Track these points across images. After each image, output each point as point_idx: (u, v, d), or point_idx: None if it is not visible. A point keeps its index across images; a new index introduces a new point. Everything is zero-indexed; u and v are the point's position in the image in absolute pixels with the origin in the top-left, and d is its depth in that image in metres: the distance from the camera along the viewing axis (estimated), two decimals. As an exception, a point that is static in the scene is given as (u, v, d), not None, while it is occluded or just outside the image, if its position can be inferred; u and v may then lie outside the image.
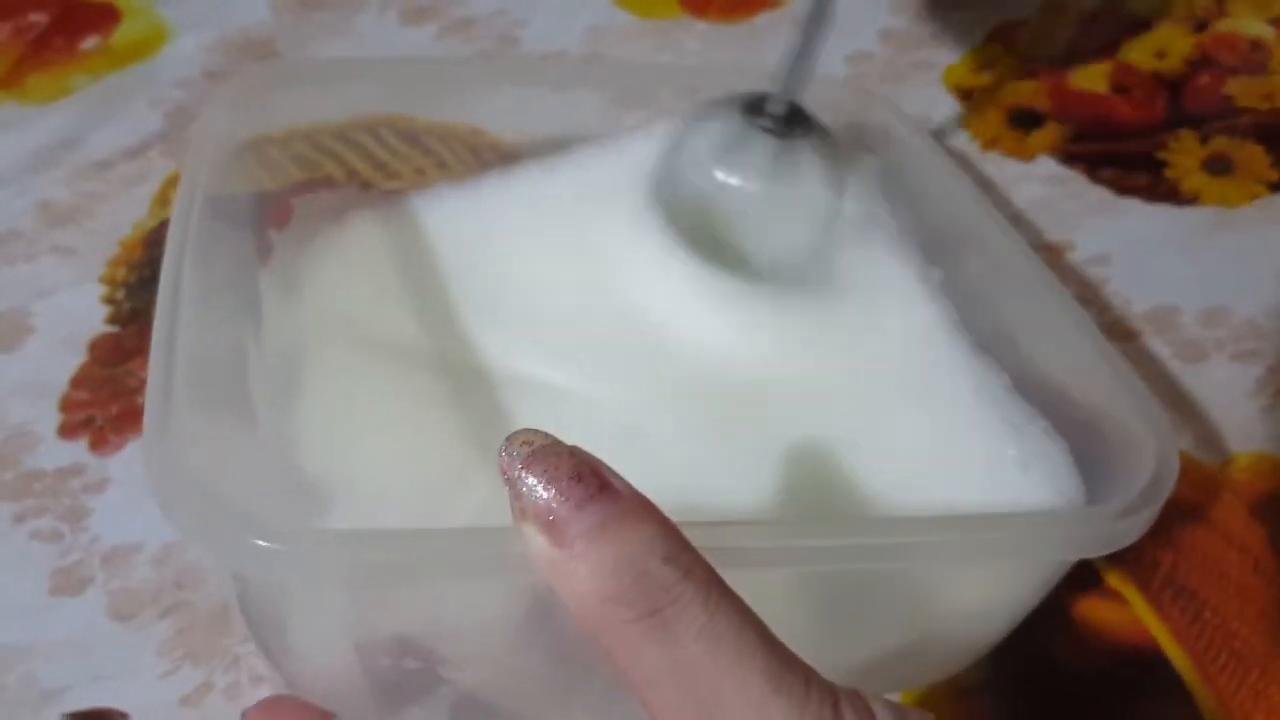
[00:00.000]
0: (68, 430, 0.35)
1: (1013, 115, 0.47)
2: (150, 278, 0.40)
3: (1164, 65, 0.50)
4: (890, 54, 0.50)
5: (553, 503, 0.17)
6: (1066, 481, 0.27)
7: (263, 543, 0.20)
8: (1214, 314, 0.40)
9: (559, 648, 0.24)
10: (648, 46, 0.51)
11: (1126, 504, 0.24)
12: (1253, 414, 0.36)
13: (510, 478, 0.18)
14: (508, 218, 0.33)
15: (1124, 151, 0.46)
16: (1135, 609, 0.32)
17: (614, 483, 0.18)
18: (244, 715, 0.21)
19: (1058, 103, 0.48)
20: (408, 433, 0.28)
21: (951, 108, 0.48)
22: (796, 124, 0.32)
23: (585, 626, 0.18)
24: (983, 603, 0.27)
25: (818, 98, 0.36)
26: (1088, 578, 0.32)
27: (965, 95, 0.48)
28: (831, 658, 0.18)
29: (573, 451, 0.18)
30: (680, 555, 0.18)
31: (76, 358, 0.37)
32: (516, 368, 0.30)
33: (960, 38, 0.51)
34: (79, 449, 0.35)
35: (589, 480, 0.18)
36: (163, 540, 0.32)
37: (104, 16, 0.51)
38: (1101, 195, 0.44)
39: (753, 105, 0.32)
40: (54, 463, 0.34)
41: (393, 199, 0.35)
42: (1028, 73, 0.49)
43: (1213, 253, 0.42)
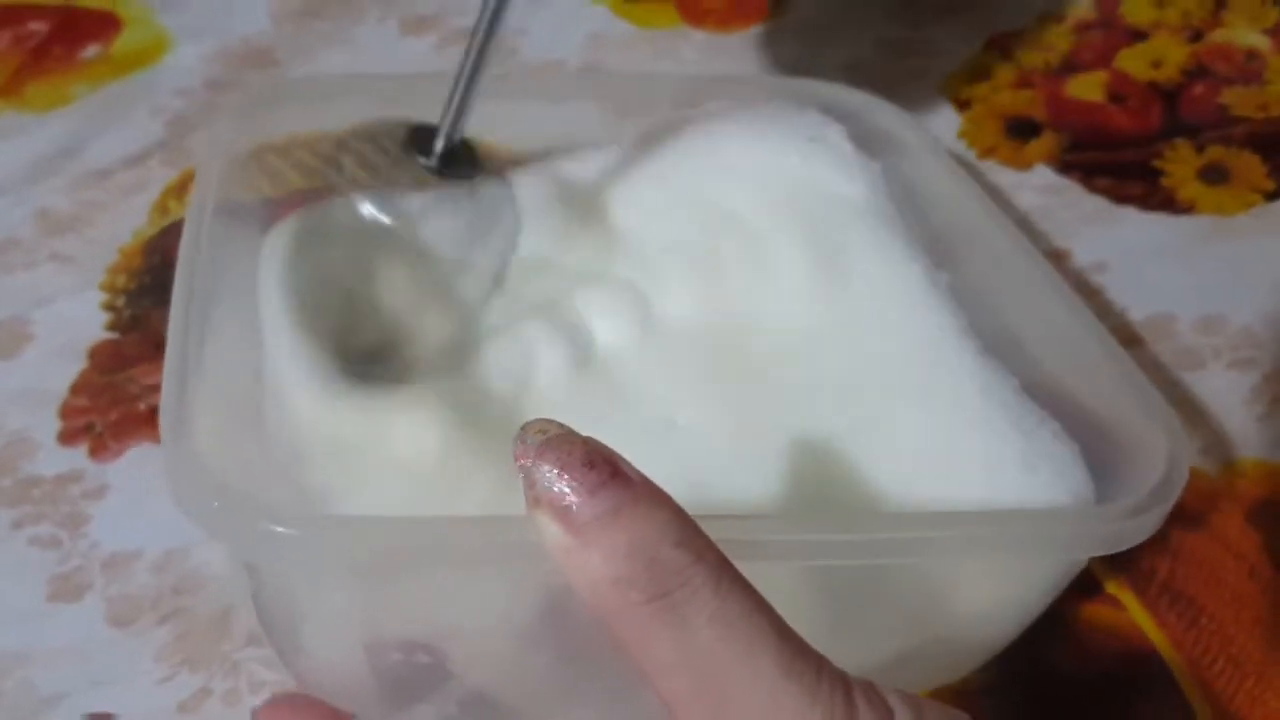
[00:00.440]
0: (67, 437, 0.35)
1: (1009, 124, 0.48)
2: (151, 285, 0.40)
3: (1160, 75, 0.50)
4: (886, 62, 0.51)
5: (566, 489, 0.18)
6: (1077, 483, 0.27)
7: (277, 528, 0.20)
8: (1210, 322, 0.40)
9: (568, 644, 0.24)
10: (646, 55, 0.51)
11: (1137, 502, 0.24)
12: (1249, 421, 0.37)
13: (524, 466, 0.18)
14: (510, 233, 0.33)
15: (1120, 160, 0.46)
16: (1133, 615, 0.32)
17: (626, 470, 0.18)
18: (254, 714, 0.21)
19: (1054, 112, 0.48)
20: (412, 433, 0.28)
21: (948, 116, 0.48)
22: (463, 164, 0.31)
23: (598, 612, 0.18)
24: (992, 603, 0.27)
25: (825, 101, 0.37)
26: (1086, 583, 0.32)
27: (962, 104, 0.49)
28: (840, 658, 0.18)
29: (586, 440, 0.18)
30: (692, 540, 0.18)
31: (76, 365, 0.37)
32: (514, 367, 0.31)
33: (957, 47, 0.51)
34: (78, 455, 0.35)
35: (602, 467, 0.18)
36: (162, 547, 0.32)
37: (104, 25, 0.51)
38: (1098, 204, 0.44)
39: (413, 137, 0.31)
40: (53, 469, 0.34)
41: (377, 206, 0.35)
42: (1024, 82, 0.50)
43: (1209, 261, 0.42)
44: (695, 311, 0.32)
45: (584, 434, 0.19)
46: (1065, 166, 0.46)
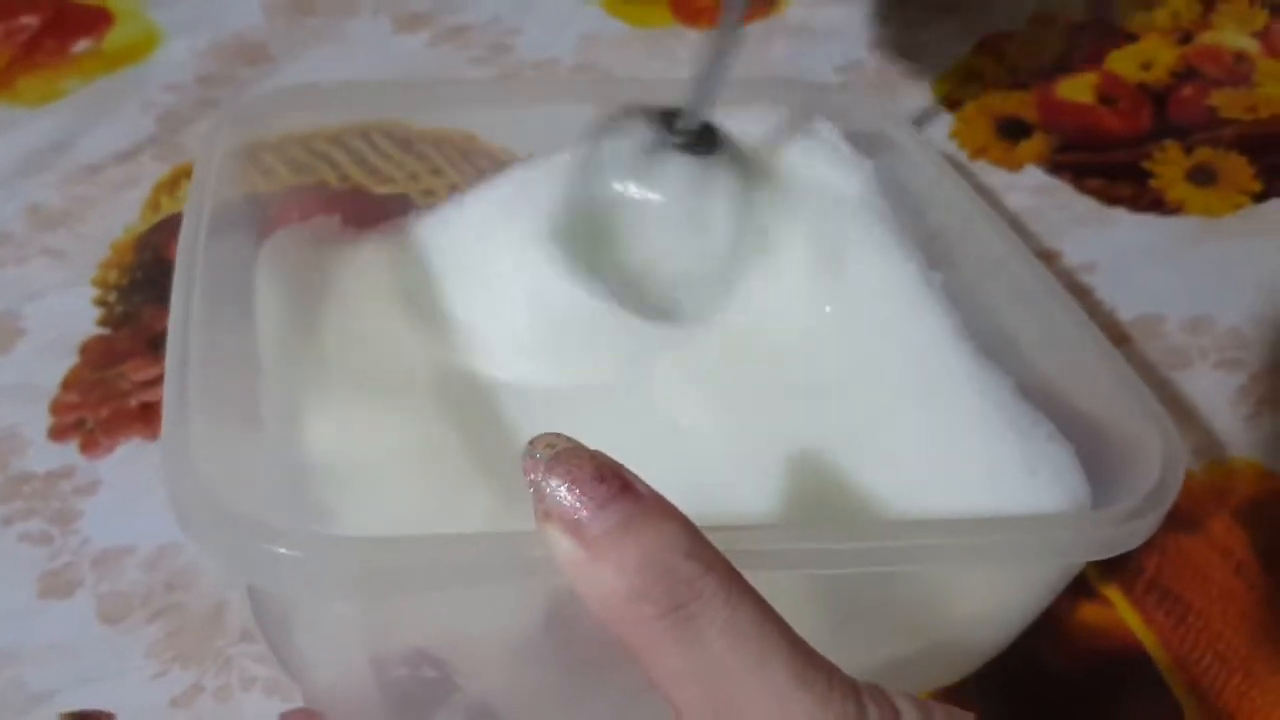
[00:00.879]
0: (58, 433, 0.35)
1: (1001, 125, 0.48)
2: (142, 281, 0.40)
3: (1149, 77, 0.50)
4: (880, 64, 0.51)
5: (576, 503, 0.18)
6: (1073, 485, 0.27)
7: (280, 550, 0.20)
8: (1198, 322, 0.40)
9: (573, 657, 0.24)
10: (640, 54, 0.51)
11: (1133, 507, 0.24)
12: (1236, 421, 0.37)
13: (534, 480, 0.18)
14: (501, 244, 0.33)
15: (1110, 162, 0.46)
16: (1121, 612, 0.32)
17: (635, 484, 0.18)
18: None
19: (1045, 113, 0.48)
20: (409, 451, 0.28)
21: (940, 117, 0.48)
22: (708, 141, 0.31)
23: (610, 626, 0.18)
24: (990, 606, 0.27)
25: (818, 101, 0.37)
26: (1075, 582, 0.32)
27: (954, 105, 0.49)
28: (840, 661, 0.18)
29: (594, 454, 0.19)
30: (702, 552, 0.18)
31: (67, 360, 0.37)
32: (510, 383, 0.31)
33: (949, 48, 0.52)
34: (69, 451, 0.35)
35: (611, 481, 0.18)
36: (154, 543, 0.32)
37: (96, 20, 0.51)
38: (1088, 205, 0.44)
39: (664, 119, 0.31)
40: (44, 465, 0.34)
41: (386, 220, 0.35)
42: (1015, 83, 0.50)
43: (1197, 262, 0.42)
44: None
45: (591, 447, 0.19)
46: (1056, 167, 0.46)
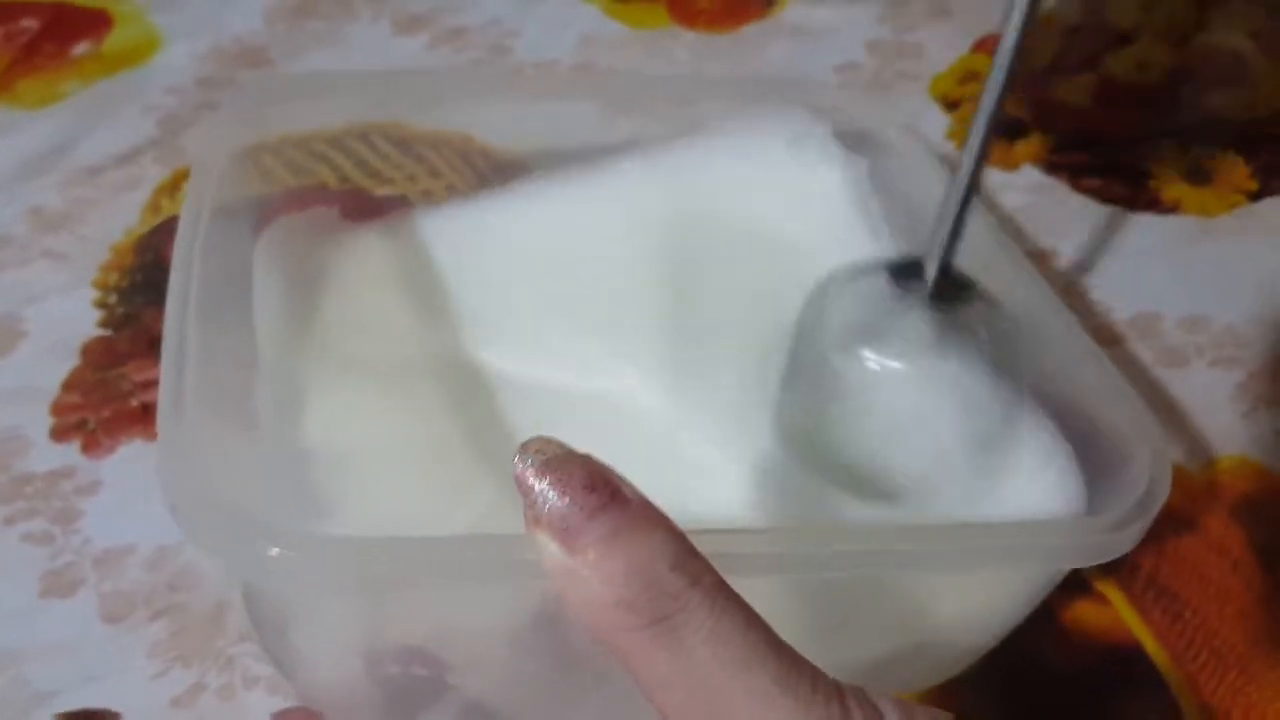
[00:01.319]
0: (59, 433, 0.35)
1: (997, 125, 0.48)
2: (143, 283, 0.40)
3: (1145, 77, 0.50)
4: (877, 64, 0.51)
5: (566, 511, 0.18)
6: (1071, 487, 0.27)
7: (274, 550, 0.20)
8: (1195, 321, 0.40)
9: (565, 654, 0.24)
10: (638, 55, 0.51)
11: (1121, 515, 0.24)
12: (1233, 419, 0.37)
13: (524, 485, 0.18)
14: (505, 240, 0.33)
15: (1106, 162, 0.46)
16: (1118, 609, 0.32)
17: (625, 491, 0.18)
18: None
19: (1041, 113, 0.49)
20: (409, 443, 0.29)
21: (937, 117, 0.48)
22: (954, 291, 0.26)
23: (596, 633, 0.18)
24: (977, 610, 0.27)
25: (812, 102, 0.37)
26: (1072, 579, 0.32)
27: (951, 105, 0.49)
28: (828, 661, 0.18)
29: (585, 460, 0.19)
30: (688, 563, 0.18)
31: (68, 362, 0.37)
32: (509, 376, 0.31)
33: (946, 49, 0.52)
34: (71, 451, 0.35)
35: (601, 489, 0.18)
36: (155, 543, 0.32)
37: (96, 23, 0.51)
38: (1084, 204, 0.45)
39: (901, 270, 0.27)
40: (45, 465, 0.34)
41: (385, 214, 0.35)
42: (1011, 84, 0.50)
43: (1193, 261, 0.42)
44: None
45: (583, 452, 0.19)
46: (1052, 167, 0.46)
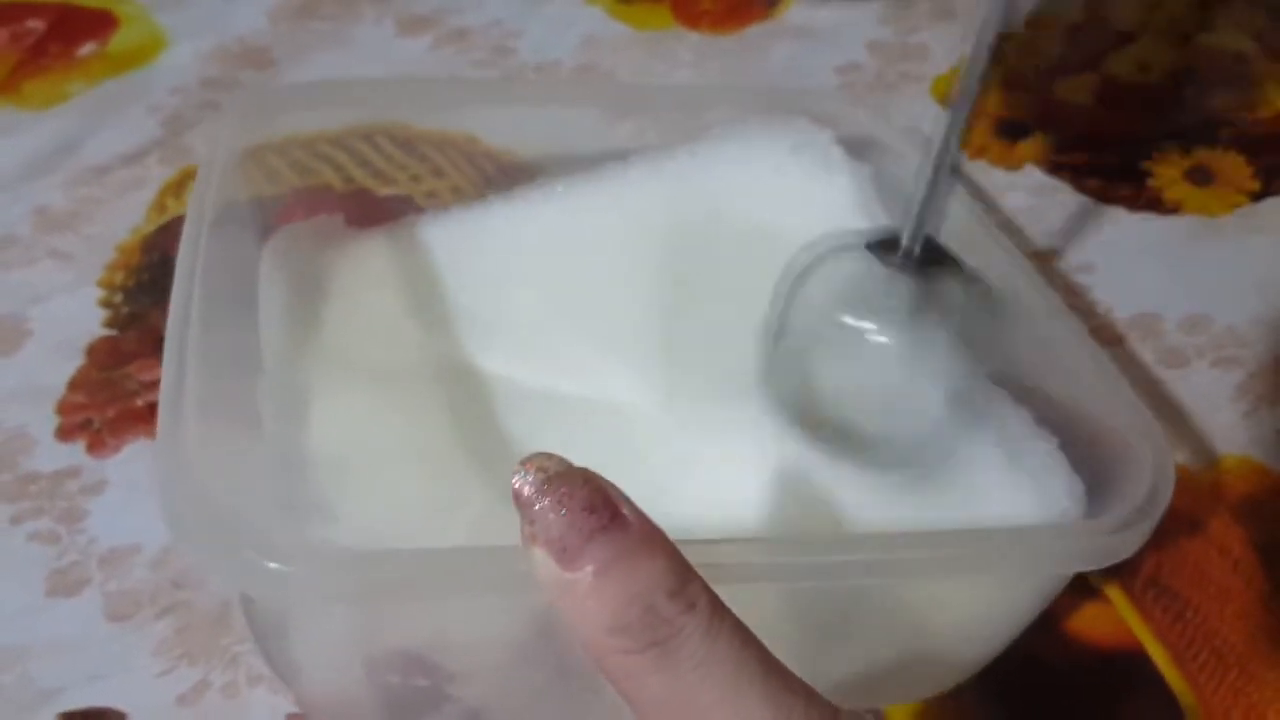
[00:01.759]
0: (65, 433, 0.35)
1: (999, 126, 0.48)
2: (149, 282, 0.40)
3: (1147, 78, 0.51)
4: (879, 65, 0.51)
5: (564, 531, 0.18)
6: (1068, 495, 0.27)
7: (272, 565, 0.20)
8: (1196, 321, 0.40)
9: (564, 663, 0.24)
10: (641, 57, 0.51)
11: (1123, 518, 0.24)
12: (1234, 419, 0.37)
13: (522, 503, 0.18)
14: (508, 246, 0.34)
15: (1108, 162, 0.46)
16: (1119, 609, 0.32)
17: (625, 513, 0.18)
18: None
19: (1043, 114, 0.49)
20: (410, 448, 0.29)
21: (939, 118, 0.48)
22: (932, 262, 0.27)
23: (589, 652, 0.18)
24: (981, 617, 0.27)
25: (814, 108, 0.37)
26: (1073, 579, 0.32)
27: (953, 106, 0.49)
28: (830, 671, 0.18)
29: (587, 478, 0.18)
30: (685, 588, 0.18)
31: (74, 361, 0.38)
32: (510, 382, 0.31)
33: (949, 50, 0.52)
34: (76, 451, 0.35)
35: (601, 511, 0.18)
36: (160, 543, 0.32)
37: (101, 23, 0.51)
38: (1086, 204, 0.45)
39: (882, 244, 0.28)
40: (51, 465, 0.34)
41: (389, 221, 0.35)
42: (1014, 84, 0.50)
43: (1194, 261, 0.42)
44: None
45: (583, 468, 0.18)
46: (1054, 167, 0.46)
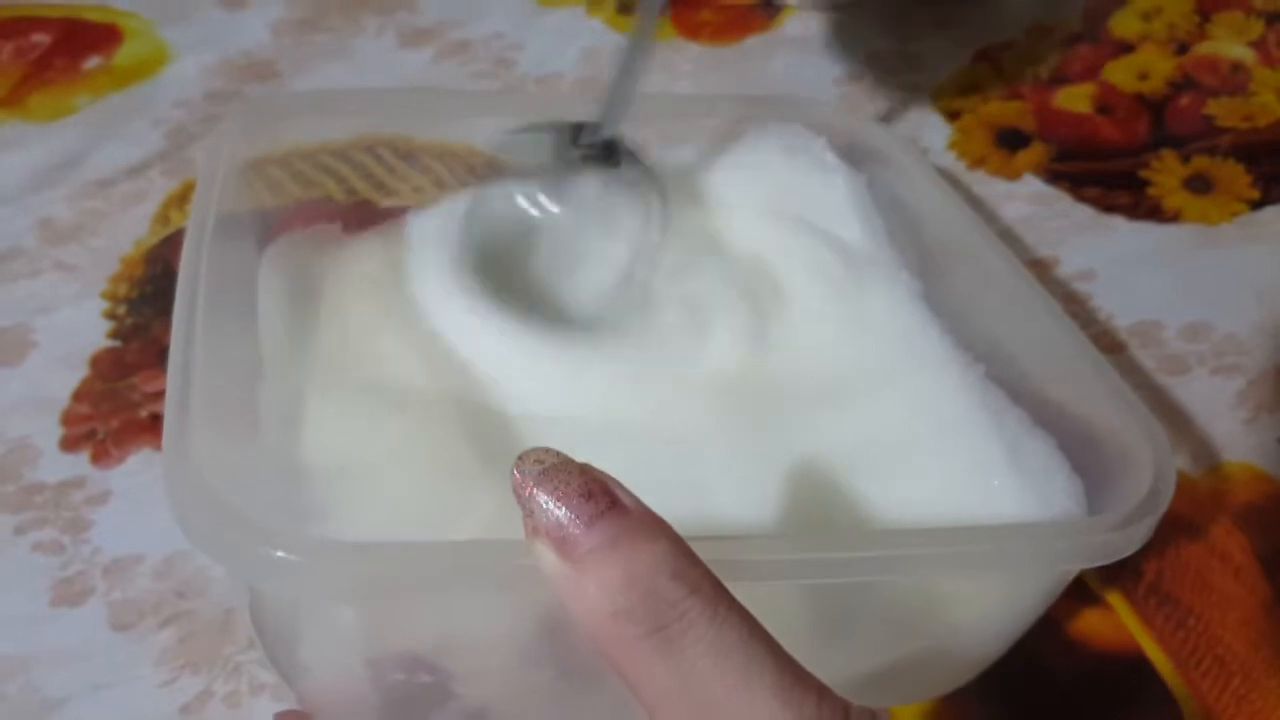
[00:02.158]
0: (69, 443, 0.36)
1: (999, 135, 0.48)
2: (152, 294, 0.40)
3: (1146, 87, 0.51)
4: (879, 75, 0.51)
5: (564, 520, 0.18)
6: (1068, 493, 0.27)
7: (279, 553, 0.21)
8: (1196, 329, 0.40)
9: (569, 662, 0.24)
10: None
11: (1127, 514, 0.25)
12: (1234, 426, 0.37)
13: (522, 496, 0.18)
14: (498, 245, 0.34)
15: (1107, 170, 0.47)
16: (1121, 616, 0.32)
17: (623, 499, 0.18)
18: None
19: (1043, 123, 0.49)
20: (410, 452, 0.29)
21: (939, 128, 0.49)
22: (613, 156, 0.31)
23: (595, 642, 0.18)
24: (983, 617, 0.27)
25: (812, 118, 0.37)
26: (1074, 586, 0.32)
27: (952, 116, 0.49)
28: (834, 670, 0.18)
29: (583, 469, 0.18)
30: (688, 571, 0.18)
31: (78, 372, 0.38)
32: (506, 378, 0.31)
33: (947, 60, 0.52)
34: (81, 462, 0.35)
35: (599, 498, 0.18)
36: (164, 552, 0.32)
37: (106, 37, 0.52)
38: (1086, 213, 0.45)
39: (570, 133, 0.31)
40: (55, 475, 0.35)
41: (383, 221, 0.35)
42: (1013, 94, 0.51)
43: (1194, 269, 0.43)
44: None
45: (580, 460, 0.19)
46: (1054, 176, 0.46)
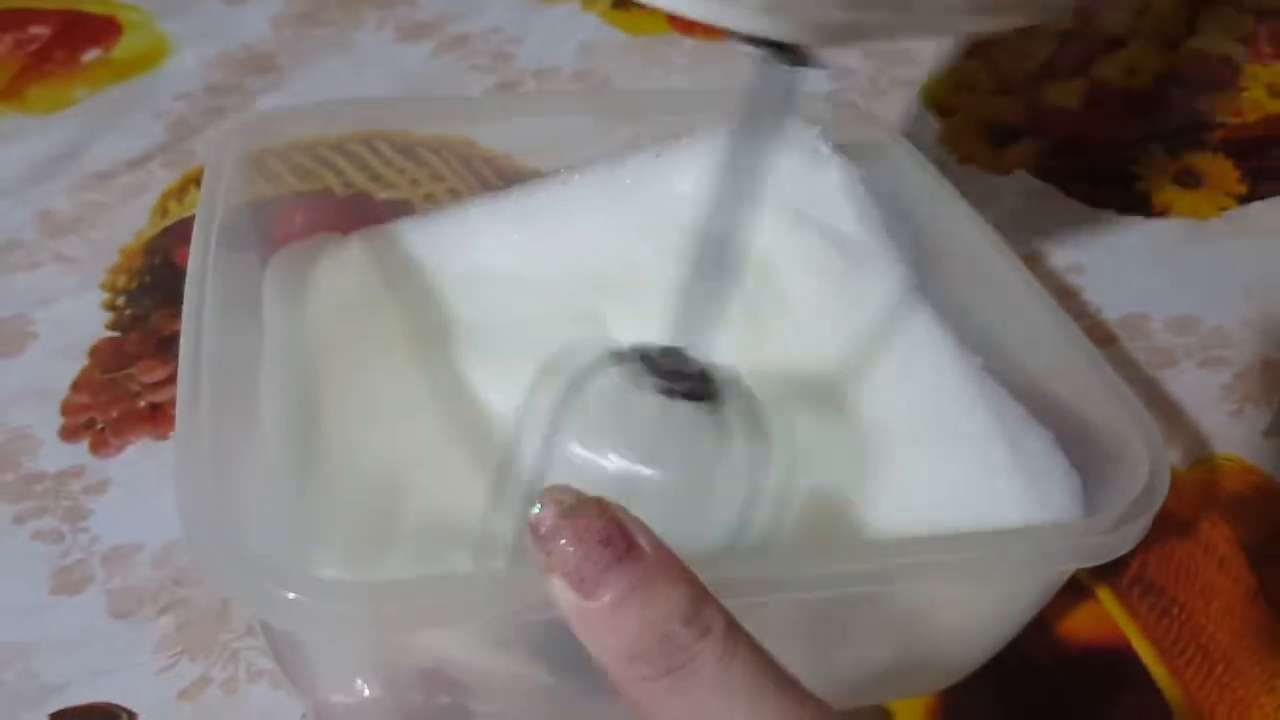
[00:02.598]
0: (69, 433, 0.36)
1: (989, 130, 0.49)
2: (151, 285, 0.41)
3: (1136, 82, 0.51)
4: (871, 70, 0.52)
5: (582, 564, 0.18)
6: (1067, 491, 0.28)
7: (292, 595, 0.21)
8: (1183, 322, 0.41)
9: (587, 681, 0.24)
10: (637, 62, 0.52)
11: (1122, 514, 0.25)
12: (1221, 418, 0.38)
13: (539, 536, 0.19)
14: (495, 247, 0.34)
15: (1097, 165, 0.47)
16: (1106, 606, 0.33)
17: (641, 543, 0.18)
18: None
19: (1033, 118, 0.49)
20: (409, 454, 0.29)
21: (930, 123, 0.49)
22: (709, 387, 0.24)
23: (610, 676, 0.18)
24: (979, 619, 0.28)
25: (806, 112, 0.38)
26: (1060, 576, 0.33)
27: (944, 111, 0.50)
28: (828, 669, 0.19)
29: (602, 510, 0.19)
30: (700, 614, 0.18)
31: (78, 363, 0.38)
32: (506, 382, 0.31)
33: (939, 55, 0.52)
34: (80, 451, 0.35)
35: (616, 544, 0.18)
36: (162, 540, 0.33)
37: (105, 30, 0.52)
38: (1075, 208, 0.45)
39: (647, 363, 0.23)
40: (55, 465, 0.35)
41: (385, 227, 0.36)
42: (1004, 89, 0.51)
43: (1182, 263, 0.43)
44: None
45: (598, 498, 0.19)
46: (1044, 171, 0.47)
